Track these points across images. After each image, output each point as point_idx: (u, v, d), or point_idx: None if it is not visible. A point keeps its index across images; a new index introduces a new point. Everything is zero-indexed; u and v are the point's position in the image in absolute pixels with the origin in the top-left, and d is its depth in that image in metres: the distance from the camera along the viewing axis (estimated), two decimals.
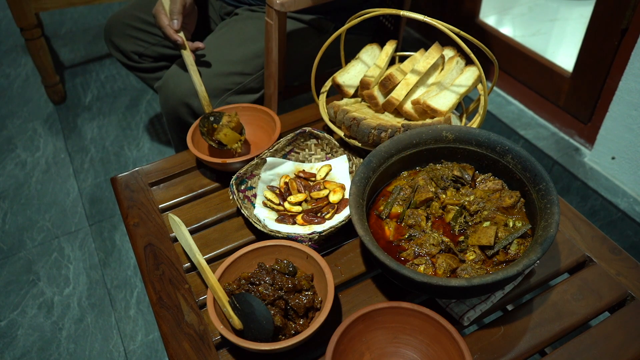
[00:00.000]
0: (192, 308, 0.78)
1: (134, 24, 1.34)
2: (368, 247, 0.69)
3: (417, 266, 0.73)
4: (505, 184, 0.82)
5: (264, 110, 1.04)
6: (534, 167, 0.77)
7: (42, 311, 1.41)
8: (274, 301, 0.73)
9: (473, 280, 0.64)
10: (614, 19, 1.43)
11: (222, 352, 0.73)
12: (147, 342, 1.34)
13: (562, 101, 1.70)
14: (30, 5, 1.78)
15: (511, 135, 1.78)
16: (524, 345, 0.72)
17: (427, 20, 0.81)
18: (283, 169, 0.95)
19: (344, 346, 0.67)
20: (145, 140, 1.94)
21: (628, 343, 0.72)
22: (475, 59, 0.85)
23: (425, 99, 0.93)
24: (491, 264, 0.73)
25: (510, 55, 1.84)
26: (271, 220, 0.86)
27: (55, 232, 1.62)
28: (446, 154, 0.86)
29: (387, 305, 0.69)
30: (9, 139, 1.97)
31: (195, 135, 1.00)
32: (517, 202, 0.79)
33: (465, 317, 0.74)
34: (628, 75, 1.41)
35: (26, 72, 2.30)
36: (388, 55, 1.03)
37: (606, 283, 0.79)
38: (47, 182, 1.79)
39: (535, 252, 0.66)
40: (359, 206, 0.75)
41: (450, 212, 0.79)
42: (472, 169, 0.84)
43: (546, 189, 0.74)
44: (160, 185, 1.00)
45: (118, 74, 2.26)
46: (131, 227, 0.91)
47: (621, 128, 1.49)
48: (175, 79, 1.14)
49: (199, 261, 0.78)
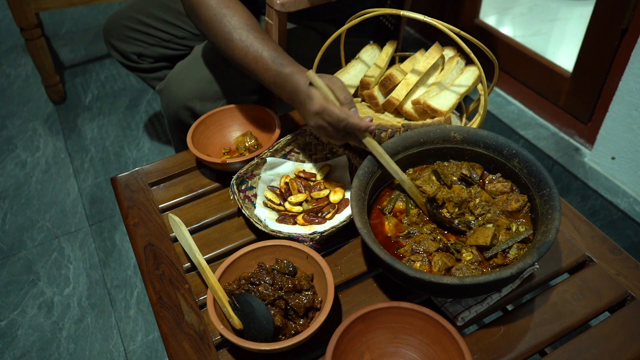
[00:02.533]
0: (192, 308, 0.78)
1: (133, 25, 1.34)
2: (364, 239, 0.69)
3: (414, 262, 0.73)
4: (515, 186, 0.82)
5: (264, 110, 1.04)
6: (540, 172, 0.76)
7: (42, 311, 1.41)
8: (274, 301, 0.73)
9: (465, 280, 0.64)
10: (614, 19, 1.43)
11: (222, 352, 0.73)
12: (147, 342, 1.34)
13: (562, 101, 1.70)
14: (30, 5, 1.78)
15: (511, 135, 1.78)
16: (524, 345, 0.72)
17: (427, 20, 0.81)
18: (283, 169, 0.95)
19: (344, 346, 0.67)
20: (145, 140, 1.94)
21: (628, 343, 0.72)
22: (475, 59, 0.85)
23: (426, 99, 0.93)
24: (488, 266, 0.73)
25: (510, 55, 1.84)
26: (272, 220, 0.86)
27: (55, 232, 1.62)
28: (453, 155, 0.86)
29: (387, 305, 0.69)
30: (9, 139, 1.97)
31: (195, 135, 1.00)
32: (524, 206, 0.79)
33: (460, 317, 0.74)
34: (628, 75, 1.41)
35: (26, 72, 2.30)
36: (388, 55, 1.03)
37: (606, 283, 0.79)
38: (47, 182, 1.79)
39: (531, 256, 0.66)
40: (360, 199, 0.75)
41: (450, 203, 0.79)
42: (480, 168, 0.84)
43: (549, 194, 0.74)
44: (160, 185, 1.00)
45: (118, 74, 2.26)
46: (131, 227, 0.91)
47: (621, 128, 1.49)
48: (177, 82, 1.14)
49: (199, 261, 0.78)
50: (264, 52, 0.89)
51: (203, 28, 0.95)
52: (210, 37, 0.95)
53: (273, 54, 0.88)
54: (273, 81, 0.89)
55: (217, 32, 0.92)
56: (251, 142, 1.00)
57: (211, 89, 1.12)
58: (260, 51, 0.89)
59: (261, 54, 0.89)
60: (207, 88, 1.12)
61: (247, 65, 0.91)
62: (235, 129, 1.05)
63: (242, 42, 0.90)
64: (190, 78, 1.13)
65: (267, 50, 0.89)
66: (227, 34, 0.91)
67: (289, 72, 0.86)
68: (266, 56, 0.88)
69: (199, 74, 1.13)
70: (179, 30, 1.34)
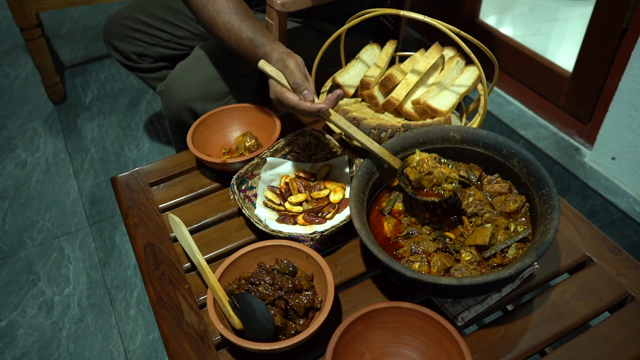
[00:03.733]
0: (192, 308, 0.78)
1: (132, 24, 1.34)
2: (363, 240, 0.69)
3: (413, 263, 0.73)
4: (513, 187, 0.82)
5: (264, 110, 1.04)
6: (539, 172, 0.76)
7: (42, 311, 1.41)
8: (274, 301, 0.73)
9: (463, 280, 0.64)
10: (614, 19, 1.43)
11: (222, 352, 0.73)
12: (147, 342, 1.34)
13: (562, 101, 1.70)
14: (30, 5, 1.78)
15: (511, 135, 1.78)
16: (524, 345, 0.72)
17: (427, 20, 0.81)
18: (283, 169, 0.95)
19: (344, 346, 0.67)
20: (145, 140, 1.94)
21: (628, 343, 0.72)
22: (475, 59, 0.85)
23: (426, 99, 0.93)
24: (487, 266, 0.73)
25: (510, 55, 1.84)
26: (272, 220, 0.86)
27: (55, 232, 1.62)
28: (452, 155, 0.86)
29: (387, 305, 0.69)
30: (9, 139, 1.97)
31: (195, 135, 1.00)
32: (522, 207, 0.78)
33: (460, 317, 0.74)
34: (628, 75, 1.41)
35: (26, 72, 2.30)
36: (388, 55, 1.03)
37: (606, 283, 0.79)
38: (47, 182, 1.79)
39: (529, 256, 0.66)
40: (359, 200, 0.75)
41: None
42: (479, 170, 0.84)
43: (549, 194, 0.74)
44: (160, 185, 1.00)
45: (118, 74, 2.26)
46: (131, 227, 0.91)
47: (621, 128, 1.49)
48: (178, 83, 1.14)
49: (199, 261, 0.78)
50: (243, 33, 0.90)
51: (194, 14, 0.97)
52: (200, 22, 0.97)
53: (252, 34, 0.89)
54: (254, 62, 0.90)
55: (204, 16, 0.94)
56: (251, 142, 1.00)
57: (212, 90, 1.12)
58: (240, 32, 0.90)
59: (241, 36, 0.90)
60: (208, 88, 1.12)
61: (232, 47, 0.93)
62: (235, 129, 1.05)
63: (224, 25, 0.92)
64: (191, 79, 1.13)
65: (247, 30, 0.90)
66: (212, 19, 0.93)
67: (263, 52, 0.88)
68: (245, 37, 0.90)
69: (199, 74, 1.13)
70: (179, 30, 1.34)
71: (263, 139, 1.03)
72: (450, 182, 0.76)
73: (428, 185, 0.77)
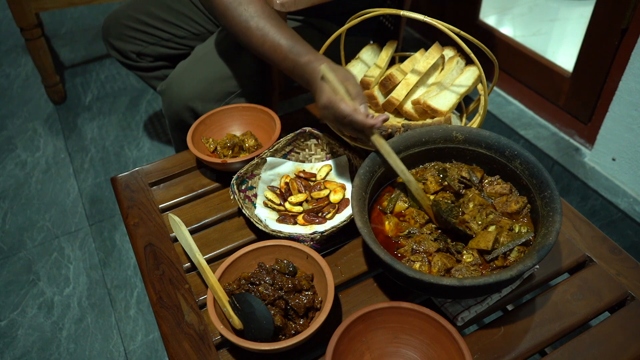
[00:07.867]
0: (192, 308, 0.78)
1: (132, 23, 1.34)
2: (365, 239, 0.69)
3: (413, 263, 0.73)
4: (514, 188, 0.81)
5: (264, 110, 1.04)
6: (541, 174, 0.76)
7: (42, 311, 1.41)
8: (274, 301, 0.73)
9: (464, 281, 0.64)
10: (614, 19, 1.43)
11: (222, 352, 0.73)
12: (147, 342, 1.34)
13: (562, 101, 1.70)
14: (30, 5, 1.78)
15: (511, 135, 1.78)
16: (524, 345, 0.72)
17: (427, 20, 0.81)
18: (283, 169, 0.95)
19: (344, 346, 0.67)
20: (145, 140, 1.94)
21: (628, 343, 0.72)
22: (475, 59, 0.85)
23: (426, 99, 0.93)
24: (488, 267, 0.73)
25: (510, 55, 1.84)
26: (272, 220, 0.86)
27: (55, 232, 1.62)
28: (455, 155, 0.86)
29: (387, 305, 0.69)
30: (9, 139, 1.97)
31: (195, 135, 1.00)
32: (523, 208, 0.78)
33: (460, 318, 0.74)
34: (628, 75, 1.41)
35: (26, 72, 2.30)
36: (388, 55, 1.03)
37: (606, 283, 0.79)
38: (47, 182, 1.79)
39: (531, 258, 0.66)
40: (361, 199, 0.75)
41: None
42: (481, 171, 0.84)
43: (551, 196, 0.73)
44: (160, 185, 1.00)
45: (118, 74, 2.26)
46: (131, 227, 0.91)
47: (621, 128, 1.49)
48: (179, 83, 1.14)
49: (199, 261, 0.78)
50: (281, 40, 0.89)
51: (219, 16, 0.95)
52: (227, 26, 0.94)
53: (290, 42, 0.89)
54: (290, 70, 0.89)
55: (234, 21, 0.92)
56: (251, 142, 1.00)
57: (213, 90, 1.12)
58: (277, 40, 0.89)
59: (279, 43, 0.89)
60: (209, 88, 1.12)
61: (265, 54, 0.91)
62: (235, 129, 1.05)
63: (259, 30, 0.90)
64: (191, 78, 1.13)
65: (284, 38, 0.89)
66: (244, 22, 0.91)
67: (305, 61, 0.86)
68: (284, 44, 0.88)
69: (201, 74, 1.13)
70: (179, 30, 1.34)
71: (263, 139, 1.03)
72: None
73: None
